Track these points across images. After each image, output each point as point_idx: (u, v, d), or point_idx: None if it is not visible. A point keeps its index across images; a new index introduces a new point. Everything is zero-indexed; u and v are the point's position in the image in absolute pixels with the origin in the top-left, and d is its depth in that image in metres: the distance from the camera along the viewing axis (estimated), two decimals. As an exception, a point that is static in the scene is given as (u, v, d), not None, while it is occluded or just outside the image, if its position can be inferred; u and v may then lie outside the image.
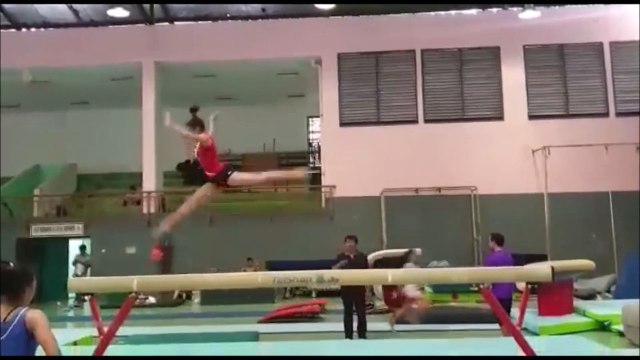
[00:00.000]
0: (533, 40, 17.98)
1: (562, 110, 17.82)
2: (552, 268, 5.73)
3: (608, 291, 14.08)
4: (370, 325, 10.74)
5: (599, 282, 14.18)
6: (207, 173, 6.00)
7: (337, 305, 12.98)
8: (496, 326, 7.87)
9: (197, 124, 6.00)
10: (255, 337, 8.81)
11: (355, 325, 9.05)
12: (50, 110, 22.45)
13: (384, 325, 10.68)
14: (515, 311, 7.30)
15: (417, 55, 18.19)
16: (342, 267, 8.18)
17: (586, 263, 10.75)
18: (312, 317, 11.77)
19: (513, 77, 17.85)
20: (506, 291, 7.48)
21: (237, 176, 6.00)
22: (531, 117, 17.79)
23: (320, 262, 8.82)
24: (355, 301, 9.08)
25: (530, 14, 17.76)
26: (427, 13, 18.34)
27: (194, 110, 6.04)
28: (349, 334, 9.04)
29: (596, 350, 6.73)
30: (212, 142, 5.92)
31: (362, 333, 9.01)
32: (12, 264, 3.18)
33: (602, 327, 9.47)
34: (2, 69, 18.34)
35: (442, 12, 18.31)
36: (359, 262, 8.93)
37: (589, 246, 15.83)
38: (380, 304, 12.71)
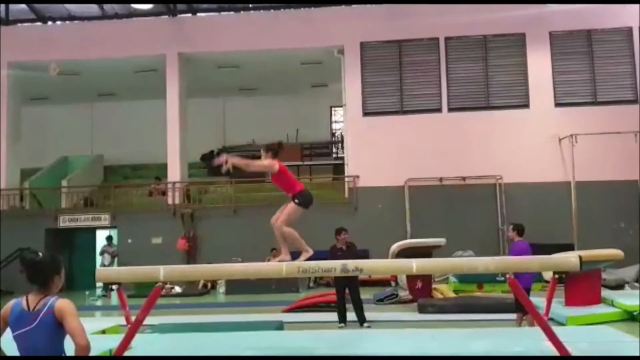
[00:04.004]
0: (559, 26, 17.66)
1: (589, 97, 17.51)
2: (580, 258, 5.66)
3: (637, 281, 13.88)
4: (395, 315, 10.78)
5: (627, 271, 13.96)
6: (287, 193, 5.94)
7: (361, 294, 13.00)
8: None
9: (269, 150, 5.92)
10: (279, 326, 8.85)
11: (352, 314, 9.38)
12: (78, 102, 22.81)
13: (409, 315, 10.70)
14: (542, 301, 7.25)
15: (440, 43, 18.00)
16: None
17: (614, 252, 10.59)
18: (336, 306, 11.77)
19: (539, 64, 17.57)
20: (527, 281, 7.44)
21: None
22: (558, 104, 17.51)
23: (344, 252, 8.89)
24: (349, 290, 9.37)
25: None
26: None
27: (280, 145, 5.99)
28: (342, 318, 9.40)
29: (624, 341, 6.64)
30: (282, 167, 5.86)
31: (363, 320, 9.29)
32: (40, 254, 3.23)
33: (630, 317, 9.34)
34: (30, 62, 18.67)
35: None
36: (351, 253, 9.11)
37: (617, 235, 15.64)
38: (404, 293, 12.70)
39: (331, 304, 11.84)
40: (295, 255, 5.87)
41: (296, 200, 5.81)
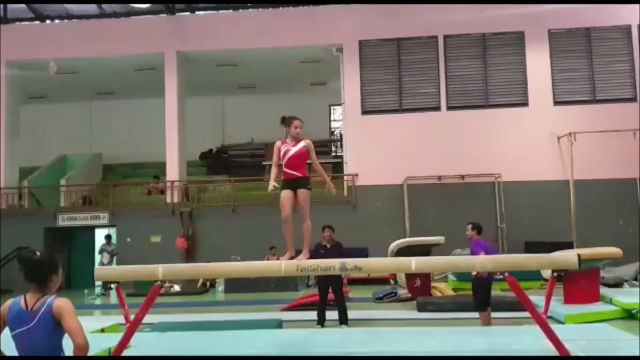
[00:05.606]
0: (558, 24, 17.65)
1: (588, 95, 17.51)
2: (579, 256, 5.66)
3: (635, 279, 13.89)
4: (394, 313, 10.79)
5: (626, 269, 13.99)
6: (293, 172, 6.08)
7: (360, 293, 13.03)
8: (520, 314, 7.81)
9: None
10: (278, 324, 8.86)
11: (336, 313, 9.27)
12: (76, 100, 22.77)
13: (408, 314, 10.71)
14: (541, 299, 7.26)
15: (439, 41, 17.99)
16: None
17: (613, 251, 10.60)
18: (334, 304, 11.78)
19: (538, 62, 17.56)
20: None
21: (303, 194, 6.08)
22: (556, 102, 17.51)
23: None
24: (332, 289, 9.28)
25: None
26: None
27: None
28: (321, 321, 9.23)
29: (623, 339, 6.64)
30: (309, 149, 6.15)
31: (344, 320, 9.19)
32: (38, 253, 3.23)
33: (629, 315, 9.35)
34: (28, 60, 18.65)
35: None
36: (336, 251, 8.95)
37: (616, 233, 15.64)
38: (403, 292, 12.71)
39: (330, 302, 11.87)
40: (297, 254, 5.99)
41: (309, 186, 6.14)
